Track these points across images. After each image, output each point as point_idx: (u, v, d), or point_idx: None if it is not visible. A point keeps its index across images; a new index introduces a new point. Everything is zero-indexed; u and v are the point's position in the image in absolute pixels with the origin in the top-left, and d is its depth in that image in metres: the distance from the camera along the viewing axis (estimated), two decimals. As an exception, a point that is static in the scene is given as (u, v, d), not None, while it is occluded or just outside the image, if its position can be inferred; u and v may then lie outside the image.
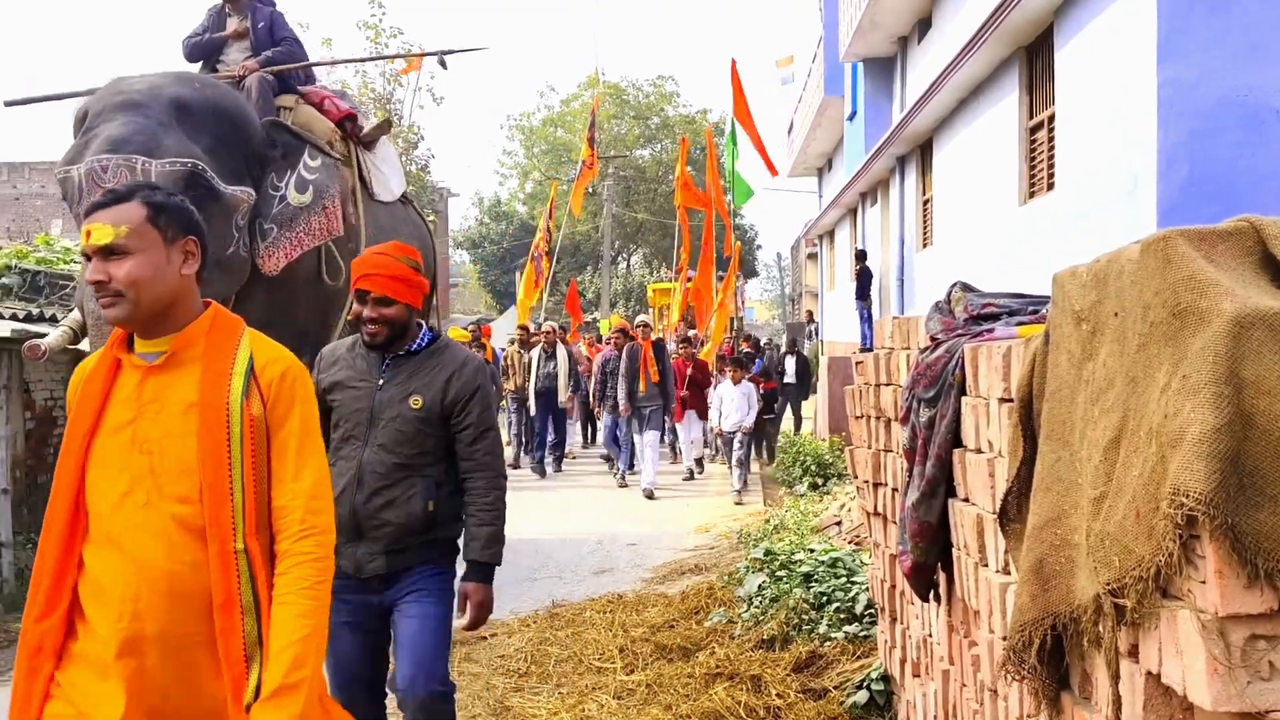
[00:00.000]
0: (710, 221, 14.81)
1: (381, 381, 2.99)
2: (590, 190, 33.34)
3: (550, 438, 12.23)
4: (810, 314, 25.73)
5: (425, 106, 41.92)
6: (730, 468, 10.74)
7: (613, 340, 11.70)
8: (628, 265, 38.89)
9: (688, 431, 11.84)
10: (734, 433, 10.54)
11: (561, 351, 12.15)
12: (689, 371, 11.66)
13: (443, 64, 6.97)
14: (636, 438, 11.12)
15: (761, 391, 11.80)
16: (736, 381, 10.77)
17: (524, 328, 13.98)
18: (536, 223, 23.74)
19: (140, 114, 4.86)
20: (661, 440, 12.12)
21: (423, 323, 3.08)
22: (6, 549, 6.26)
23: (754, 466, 11.63)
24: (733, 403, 10.69)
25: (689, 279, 15.26)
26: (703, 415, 11.62)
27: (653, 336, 11.46)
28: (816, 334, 22.59)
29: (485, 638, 5.38)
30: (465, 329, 12.51)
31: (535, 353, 12.18)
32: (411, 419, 2.94)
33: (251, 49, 6.05)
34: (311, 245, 5.51)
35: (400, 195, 6.82)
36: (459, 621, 3.08)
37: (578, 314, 18.13)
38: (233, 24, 6.11)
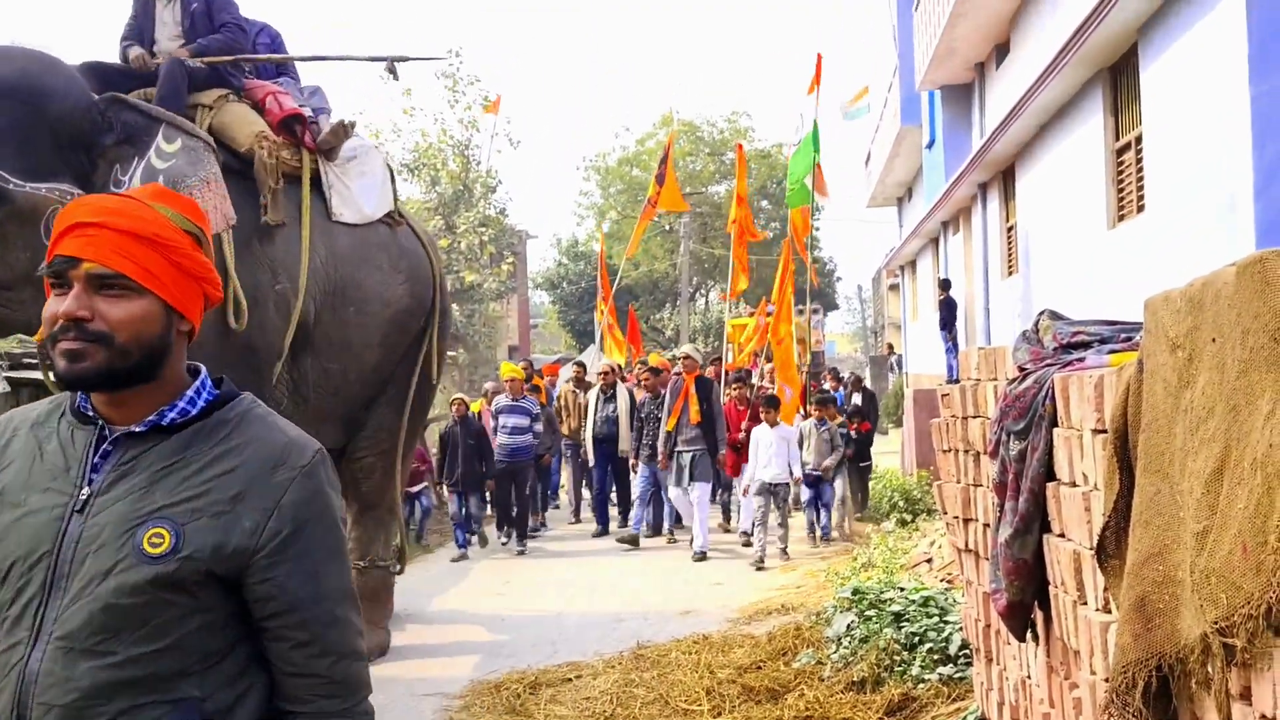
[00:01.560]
0: (789, 256, 14.27)
1: (87, 491, 1.39)
2: (667, 228, 33.62)
3: (613, 493, 10.82)
4: (890, 346, 25.22)
5: (503, 150, 42.69)
6: (754, 524, 8.84)
7: (643, 381, 10.20)
8: (706, 301, 38.95)
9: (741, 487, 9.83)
10: (775, 485, 8.76)
11: (623, 392, 10.60)
12: (744, 418, 9.88)
13: (392, 71, 6.05)
14: (675, 492, 9.42)
15: (856, 434, 10.37)
16: (772, 424, 8.89)
17: (581, 364, 12.81)
18: (615, 262, 23.95)
19: None
20: (713, 498, 10.51)
21: (200, 368, 1.52)
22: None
23: (837, 517, 9.71)
24: (769, 449, 8.81)
25: (768, 314, 15.00)
26: None
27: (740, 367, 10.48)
28: (899, 366, 22.13)
29: (570, 679, 5.37)
30: (520, 365, 11.35)
31: (593, 394, 10.79)
32: (141, 580, 1.34)
33: (183, 35, 5.13)
34: None
35: (385, 214, 5.84)
36: None
37: (638, 346, 17.20)
38: (161, 7, 5.19)
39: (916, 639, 4.76)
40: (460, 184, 20.81)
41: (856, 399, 13.08)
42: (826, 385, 13.85)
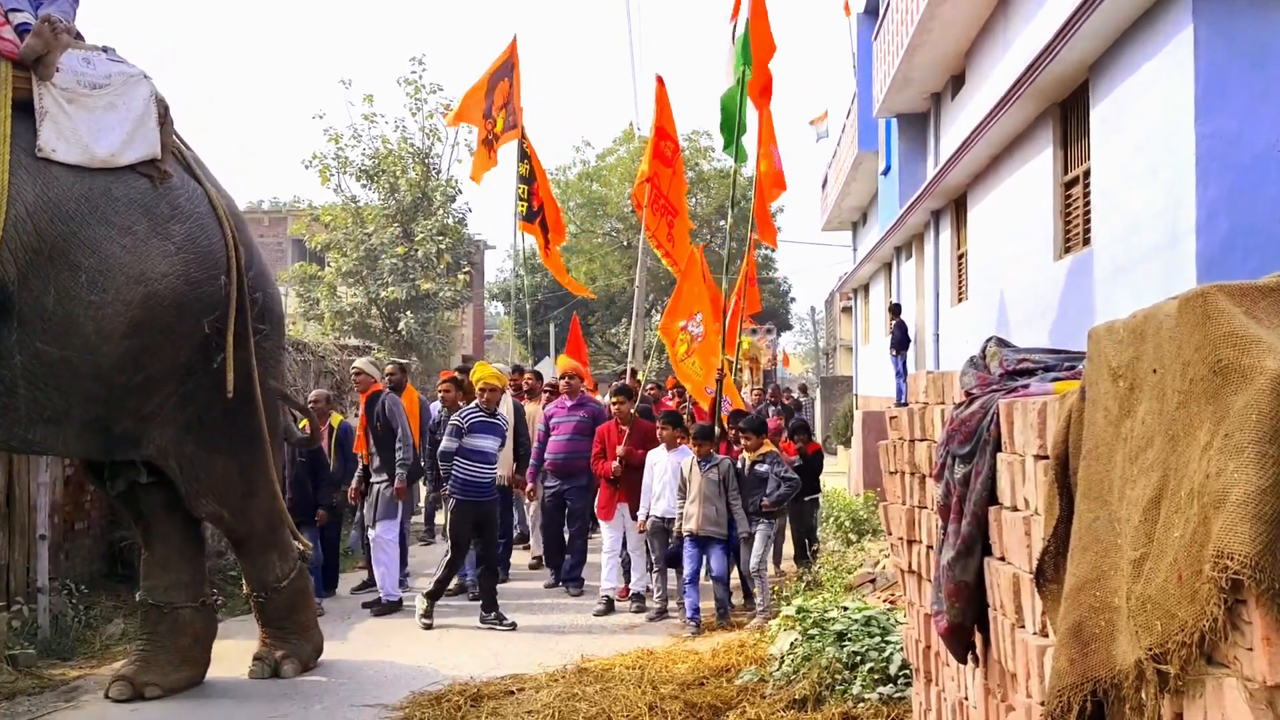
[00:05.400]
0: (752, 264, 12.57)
1: None
2: (625, 244, 33.65)
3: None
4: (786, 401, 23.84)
5: (464, 160, 42.53)
6: (652, 577, 7.29)
7: (441, 394, 8.13)
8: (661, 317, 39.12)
9: (617, 536, 7.66)
10: (668, 521, 7.09)
11: (506, 406, 8.24)
12: (623, 441, 7.57)
13: None
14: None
15: (798, 459, 8.49)
16: (671, 446, 7.19)
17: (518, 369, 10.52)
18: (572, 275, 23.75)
19: None
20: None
21: None
22: (43, 594, 6.30)
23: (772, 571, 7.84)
24: (664, 476, 7.12)
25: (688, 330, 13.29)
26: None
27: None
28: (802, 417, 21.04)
29: (512, 692, 5.32)
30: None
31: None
32: None
33: None
34: None
35: (143, 163, 4.72)
36: None
37: (583, 358, 13.77)
38: None
39: (858, 658, 4.79)
40: (419, 192, 20.68)
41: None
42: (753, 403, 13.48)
